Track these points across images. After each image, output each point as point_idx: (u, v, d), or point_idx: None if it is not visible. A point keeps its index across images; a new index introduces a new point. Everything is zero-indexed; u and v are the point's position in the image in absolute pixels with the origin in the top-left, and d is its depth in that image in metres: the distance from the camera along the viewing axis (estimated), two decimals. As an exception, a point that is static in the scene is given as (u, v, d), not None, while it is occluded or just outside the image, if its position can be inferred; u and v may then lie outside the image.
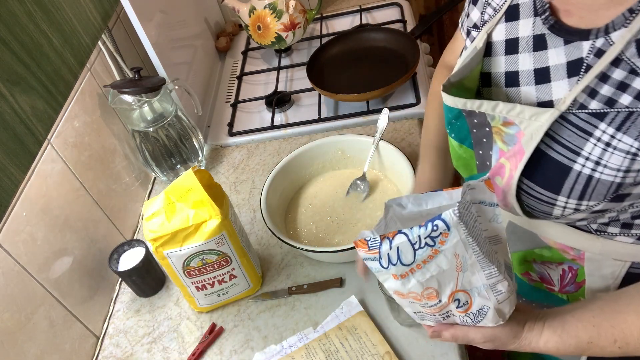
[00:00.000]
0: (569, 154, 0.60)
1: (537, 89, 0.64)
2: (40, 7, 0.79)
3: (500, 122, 0.65)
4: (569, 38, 0.60)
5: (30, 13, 0.78)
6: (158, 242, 0.84)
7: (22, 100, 0.75)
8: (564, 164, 0.60)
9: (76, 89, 1.04)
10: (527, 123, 0.61)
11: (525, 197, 0.65)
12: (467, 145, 0.73)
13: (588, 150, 0.58)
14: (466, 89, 0.71)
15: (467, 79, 0.71)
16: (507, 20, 0.68)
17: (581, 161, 0.59)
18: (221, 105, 1.43)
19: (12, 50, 0.72)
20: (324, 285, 0.95)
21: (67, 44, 0.85)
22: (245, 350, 0.91)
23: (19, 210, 0.85)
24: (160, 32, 1.21)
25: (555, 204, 0.63)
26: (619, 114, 0.55)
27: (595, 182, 0.58)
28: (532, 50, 0.64)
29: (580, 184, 0.59)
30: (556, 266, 0.76)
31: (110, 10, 1.01)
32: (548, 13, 0.63)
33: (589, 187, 0.59)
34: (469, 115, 0.69)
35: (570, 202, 0.61)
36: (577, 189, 0.60)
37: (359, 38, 1.40)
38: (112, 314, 1.03)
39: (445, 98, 0.70)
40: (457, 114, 0.70)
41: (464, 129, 0.71)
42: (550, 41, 0.62)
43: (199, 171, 0.89)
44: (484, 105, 0.65)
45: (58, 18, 0.84)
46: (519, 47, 0.66)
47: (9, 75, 0.72)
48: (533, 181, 0.63)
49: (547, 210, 0.64)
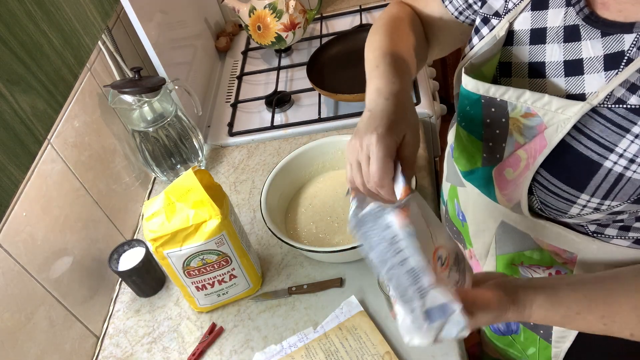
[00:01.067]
0: (600, 150, 0.57)
1: (567, 81, 0.61)
2: (40, 7, 0.79)
3: (521, 112, 0.62)
4: (607, 30, 0.57)
5: (30, 13, 0.78)
6: (158, 242, 0.85)
7: (22, 100, 0.75)
8: (593, 160, 0.57)
9: (76, 89, 1.04)
10: (551, 115, 0.59)
11: (542, 191, 0.63)
12: (476, 137, 0.69)
13: (623, 146, 0.55)
14: (484, 76, 0.68)
15: (486, 66, 0.68)
16: (534, 9, 0.65)
17: (614, 158, 0.56)
18: (221, 105, 1.43)
19: (12, 50, 0.72)
20: (324, 285, 0.95)
21: (67, 44, 0.85)
22: (245, 350, 0.91)
23: (19, 210, 0.85)
24: (160, 32, 1.21)
25: (576, 201, 0.60)
26: None
27: (625, 181, 0.56)
28: (563, 42, 0.61)
29: (608, 182, 0.57)
30: (543, 270, 0.74)
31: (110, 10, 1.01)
32: (583, 4, 0.60)
33: (617, 186, 0.57)
34: (487, 103, 0.65)
35: (592, 201, 0.59)
36: (603, 187, 0.58)
37: (359, 38, 1.40)
38: (112, 314, 1.03)
39: (466, 81, 0.66)
40: (475, 100, 0.66)
41: (477, 119, 0.68)
42: (585, 33, 0.59)
43: (199, 171, 0.89)
44: (509, 92, 0.62)
45: (58, 18, 0.84)
46: (546, 37, 0.63)
47: (9, 75, 0.72)
48: (555, 176, 0.61)
49: (563, 207, 0.62)
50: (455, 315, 0.54)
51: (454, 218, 0.86)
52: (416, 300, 0.55)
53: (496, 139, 0.67)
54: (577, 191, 0.60)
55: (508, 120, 0.64)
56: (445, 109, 1.37)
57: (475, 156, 0.71)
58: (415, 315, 0.54)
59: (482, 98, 0.65)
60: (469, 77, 0.66)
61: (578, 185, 0.59)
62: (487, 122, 0.67)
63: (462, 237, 0.85)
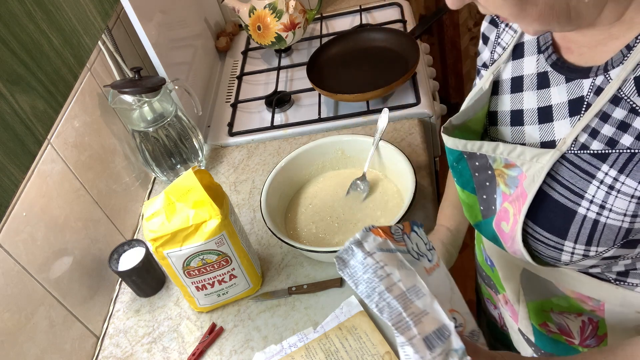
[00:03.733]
0: (572, 197, 0.57)
1: (540, 129, 0.62)
2: (40, 7, 0.79)
3: (502, 164, 0.63)
4: (570, 75, 0.59)
5: (30, 13, 0.78)
6: (158, 242, 0.84)
7: (22, 100, 0.75)
8: (568, 207, 0.58)
9: (76, 89, 1.04)
10: (528, 165, 0.59)
11: (533, 242, 0.63)
12: (470, 191, 0.70)
13: (592, 193, 0.56)
14: (472, 131, 0.69)
15: (472, 121, 0.69)
16: (514, 58, 0.67)
17: (585, 204, 0.56)
18: (221, 105, 1.43)
19: (12, 50, 0.72)
20: (324, 285, 0.95)
21: (67, 44, 0.85)
22: (245, 350, 0.91)
23: (19, 210, 0.85)
24: (160, 32, 1.21)
25: (563, 249, 0.60)
26: (621, 155, 0.53)
27: (602, 226, 0.56)
28: (536, 88, 0.63)
29: (586, 228, 0.57)
30: (575, 317, 0.72)
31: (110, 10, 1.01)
32: (551, 50, 0.62)
33: (596, 232, 0.57)
34: (470, 157, 0.67)
35: (578, 248, 0.59)
36: (583, 234, 0.58)
37: (359, 38, 1.40)
38: (112, 314, 1.03)
39: (445, 140, 0.68)
40: (458, 156, 0.68)
41: (465, 173, 0.69)
42: (552, 79, 0.61)
43: (199, 171, 0.89)
44: (484, 146, 0.63)
45: (58, 18, 0.84)
46: (523, 85, 0.65)
47: (9, 75, 0.72)
48: (539, 225, 0.61)
49: (555, 255, 0.62)
50: (453, 337, 0.52)
51: (483, 264, 0.86)
52: (413, 327, 0.53)
53: (488, 191, 0.67)
54: (561, 239, 0.60)
55: (494, 172, 0.65)
56: (445, 109, 1.38)
57: (474, 209, 0.71)
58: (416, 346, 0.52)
59: (463, 153, 0.67)
60: (446, 135, 0.67)
61: (560, 233, 0.59)
62: (476, 175, 0.68)
63: (492, 282, 0.85)
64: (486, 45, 0.73)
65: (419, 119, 1.22)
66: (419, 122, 1.21)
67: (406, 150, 1.07)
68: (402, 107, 1.23)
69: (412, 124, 1.21)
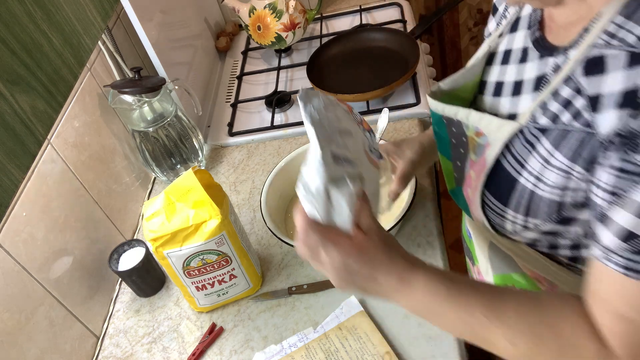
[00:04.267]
0: (516, 166, 0.60)
1: (511, 101, 0.64)
2: (40, 7, 0.79)
3: (473, 132, 0.65)
4: (543, 53, 0.61)
5: (30, 13, 0.78)
6: (158, 242, 0.85)
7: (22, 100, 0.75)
8: (512, 176, 0.60)
9: (76, 89, 1.04)
10: (494, 135, 0.62)
11: (487, 209, 0.66)
12: (447, 157, 0.73)
13: (531, 164, 0.58)
14: (460, 99, 0.71)
15: (462, 89, 0.71)
16: (511, 31, 0.69)
17: (525, 174, 0.59)
18: (221, 105, 1.43)
19: (12, 50, 0.72)
20: (324, 285, 0.95)
21: (67, 44, 0.85)
22: (245, 350, 0.91)
23: (19, 210, 0.85)
24: (160, 32, 1.21)
25: (506, 217, 0.63)
26: (558, 132, 0.55)
27: (538, 199, 0.58)
28: (518, 62, 0.65)
29: (525, 198, 0.60)
30: None
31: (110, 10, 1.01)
32: (536, 27, 0.64)
33: (532, 203, 0.59)
34: (448, 123, 0.69)
35: (518, 217, 0.61)
36: (523, 204, 0.60)
37: (359, 38, 1.40)
38: (112, 314, 1.03)
39: (429, 102, 0.70)
40: (438, 120, 0.70)
41: (444, 139, 0.71)
42: (530, 54, 0.63)
43: (199, 171, 0.89)
44: (460, 112, 0.66)
45: (58, 18, 0.84)
46: (510, 58, 0.67)
47: (9, 75, 0.72)
48: (490, 192, 0.64)
49: (501, 223, 0.64)
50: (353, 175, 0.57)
51: (465, 234, 0.89)
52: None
53: (461, 159, 0.69)
54: (504, 206, 0.62)
55: (467, 140, 0.67)
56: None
57: (450, 176, 0.74)
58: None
59: (443, 118, 0.69)
60: (431, 98, 0.69)
61: (503, 199, 0.62)
62: (453, 142, 0.70)
63: (471, 253, 0.87)
64: (494, 17, 0.76)
65: (419, 119, 1.22)
66: (419, 122, 1.21)
67: (406, 150, 1.07)
68: (402, 107, 1.23)
69: (412, 124, 1.21)
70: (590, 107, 0.51)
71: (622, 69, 0.48)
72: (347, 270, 0.56)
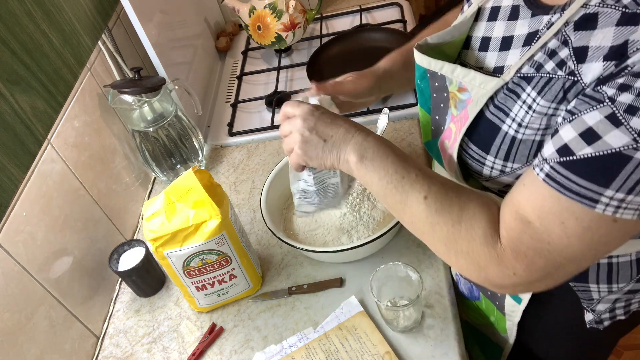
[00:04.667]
0: (500, 115, 0.62)
1: (498, 55, 0.66)
2: (40, 7, 0.79)
3: (456, 87, 0.67)
4: (535, 11, 0.62)
5: (30, 13, 0.78)
6: (158, 242, 0.85)
7: (22, 100, 0.75)
8: (495, 124, 0.63)
9: (76, 89, 1.04)
10: (477, 90, 0.64)
11: (465, 156, 0.69)
12: (426, 110, 0.75)
13: (515, 111, 0.60)
14: (445, 55, 0.73)
15: (448, 45, 0.72)
16: None
17: (508, 122, 0.61)
18: (221, 105, 1.43)
19: (12, 50, 0.72)
20: (324, 285, 0.95)
21: (67, 44, 0.85)
22: (245, 350, 0.91)
23: (19, 210, 0.85)
24: (160, 32, 1.21)
25: (485, 163, 0.66)
26: (542, 79, 0.57)
27: (519, 142, 0.61)
28: (507, 19, 0.67)
29: (505, 144, 0.62)
30: None
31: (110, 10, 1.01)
32: None
33: (513, 147, 0.62)
34: (432, 77, 0.71)
35: (497, 162, 0.65)
36: (503, 149, 0.63)
37: (359, 38, 1.40)
38: (112, 314, 1.03)
39: (415, 55, 0.72)
40: (422, 74, 0.72)
41: (425, 92, 0.73)
42: (522, 12, 0.64)
43: (199, 171, 0.89)
44: (445, 67, 0.67)
45: (58, 18, 0.84)
46: (499, 14, 0.68)
47: (9, 75, 0.72)
48: (472, 141, 0.67)
49: (478, 169, 0.68)
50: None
51: None
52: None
53: (440, 113, 0.72)
54: (484, 152, 0.65)
55: (448, 95, 0.69)
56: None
57: (427, 128, 0.77)
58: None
59: (427, 72, 0.71)
60: (417, 51, 0.71)
61: (484, 147, 0.65)
62: (434, 96, 0.72)
63: None
64: None
65: (419, 119, 1.22)
66: (419, 122, 1.21)
67: (406, 150, 1.07)
68: (402, 107, 1.23)
69: (412, 124, 1.21)
70: (573, 57, 0.54)
71: (613, 26, 0.50)
72: (313, 115, 0.69)
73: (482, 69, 0.67)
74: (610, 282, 0.72)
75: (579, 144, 0.51)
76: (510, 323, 0.85)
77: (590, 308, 0.76)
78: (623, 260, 0.70)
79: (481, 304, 0.93)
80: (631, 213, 0.51)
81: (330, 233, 1.00)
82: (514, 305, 0.81)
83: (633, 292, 0.74)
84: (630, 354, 1.69)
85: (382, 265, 0.84)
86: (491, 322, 0.92)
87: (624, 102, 0.48)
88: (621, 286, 0.72)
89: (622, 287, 0.73)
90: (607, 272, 0.71)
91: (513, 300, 0.81)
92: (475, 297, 0.93)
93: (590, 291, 0.74)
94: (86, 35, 0.88)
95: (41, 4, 0.80)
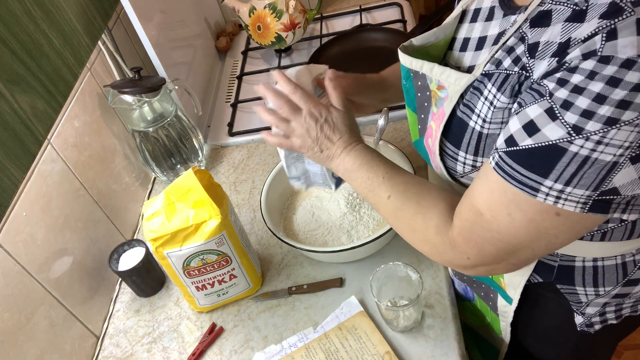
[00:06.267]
0: (467, 111, 0.65)
1: (473, 55, 0.69)
2: (40, 7, 0.79)
3: (436, 85, 0.69)
4: (507, 12, 0.64)
5: (30, 13, 0.78)
6: (158, 242, 0.85)
7: (22, 100, 0.75)
8: (464, 121, 0.65)
9: (76, 89, 1.04)
10: (453, 87, 0.66)
11: (444, 155, 0.71)
12: (412, 109, 0.77)
13: (479, 107, 0.63)
14: (430, 55, 0.74)
15: (433, 46, 0.74)
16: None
17: (475, 118, 0.64)
18: (221, 105, 1.43)
19: (12, 50, 0.72)
20: (324, 285, 0.95)
21: (67, 44, 0.85)
22: (245, 350, 0.91)
23: (19, 210, 0.85)
24: (160, 32, 1.21)
25: (457, 159, 0.68)
26: (500, 75, 0.60)
27: (485, 137, 0.63)
28: (484, 20, 0.69)
29: (474, 139, 0.65)
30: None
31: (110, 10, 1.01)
32: None
33: (480, 142, 0.64)
34: (415, 76, 0.73)
35: (468, 158, 0.67)
36: (472, 145, 0.65)
37: (359, 38, 1.40)
38: (112, 314, 1.03)
39: (399, 55, 0.74)
40: (406, 73, 0.74)
41: (411, 92, 0.75)
42: (496, 13, 0.66)
43: (199, 171, 0.89)
44: (425, 66, 0.69)
45: (58, 18, 0.84)
46: (479, 16, 0.70)
47: (9, 75, 0.72)
48: (447, 139, 0.69)
49: (453, 165, 0.70)
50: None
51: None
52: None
53: (425, 111, 0.74)
54: (456, 148, 0.68)
55: (431, 93, 0.71)
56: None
57: (414, 128, 0.79)
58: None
59: (410, 72, 0.73)
60: (401, 52, 0.73)
61: (456, 143, 0.67)
62: (418, 95, 0.74)
63: None
64: None
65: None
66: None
67: (406, 150, 1.07)
68: (402, 107, 1.22)
69: (412, 124, 1.21)
70: (527, 53, 0.56)
71: (562, 22, 0.52)
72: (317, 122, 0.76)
73: (459, 69, 0.70)
74: (596, 286, 0.72)
75: (521, 135, 0.54)
76: (504, 324, 0.85)
77: (579, 311, 0.76)
78: (608, 264, 0.70)
79: (476, 305, 0.93)
80: (573, 205, 0.53)
81: (330, 233, 1.00)
82: (506, 305, 0.82)
83: (622, 296, 0.74)
84: (630, 354, 1.69)
85: (382, 265, 0.84)
86: (487, 323, 0.92)
87: (560, 97, 0.51)
88: (608, 289, 0.72)
89: (609, 291, 0.73)
90: (593, 275, 0.71)
91: (504, 300, 0.81)
92: (470, 297, 0.94)
93: (577, 294, 0.74)
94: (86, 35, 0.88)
95: (41, 4, 0.80)
